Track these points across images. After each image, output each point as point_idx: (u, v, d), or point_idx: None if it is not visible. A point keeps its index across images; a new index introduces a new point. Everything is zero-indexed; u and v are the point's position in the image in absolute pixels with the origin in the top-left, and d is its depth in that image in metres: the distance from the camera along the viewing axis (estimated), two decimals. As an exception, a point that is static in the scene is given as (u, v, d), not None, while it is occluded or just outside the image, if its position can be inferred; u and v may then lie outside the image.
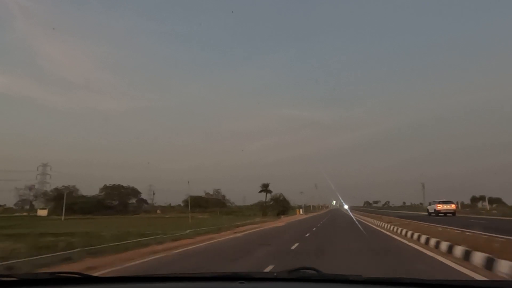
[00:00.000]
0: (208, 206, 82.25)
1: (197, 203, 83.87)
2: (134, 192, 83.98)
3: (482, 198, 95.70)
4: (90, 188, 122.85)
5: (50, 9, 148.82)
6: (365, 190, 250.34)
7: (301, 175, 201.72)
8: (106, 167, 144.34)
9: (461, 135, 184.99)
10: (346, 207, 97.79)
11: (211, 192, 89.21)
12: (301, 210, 76.22)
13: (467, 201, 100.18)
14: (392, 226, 19.76)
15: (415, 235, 13.42)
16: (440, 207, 39.27)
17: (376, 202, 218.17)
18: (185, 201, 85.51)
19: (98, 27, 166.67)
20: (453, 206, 40.02)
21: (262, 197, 74.93)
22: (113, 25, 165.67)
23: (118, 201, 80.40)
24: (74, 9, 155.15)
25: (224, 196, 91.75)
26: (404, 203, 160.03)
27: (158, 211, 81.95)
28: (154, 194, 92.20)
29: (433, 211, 40.38)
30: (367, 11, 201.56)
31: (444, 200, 40.71)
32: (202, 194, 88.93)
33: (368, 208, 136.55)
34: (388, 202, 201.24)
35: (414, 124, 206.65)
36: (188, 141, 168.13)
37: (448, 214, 37.60)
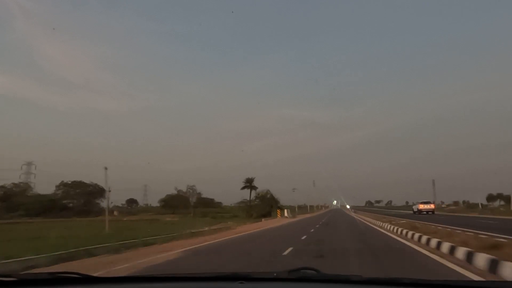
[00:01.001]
0: (188, 206, 72.44)
1: (174, 203, 74.15)
2: (100, 190, 70.87)
3: (499, 196, 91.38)
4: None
5: (50, 9, 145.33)
6: (367, 189, 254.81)
7: (301, 175, 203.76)
8: (103, 167, 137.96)
9: (463, 135, 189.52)
10: (348, 206, 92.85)
11: (184, 189, 75.36)
12: (285, 211, 54.12)
13: (481, 200, 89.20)
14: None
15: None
16: (421, 206, 47.36)
17: (378, 201, 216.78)
18: (161, 201, 77.58)
19: (98, 28, 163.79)
20: (432, 206, 47.93)
21: (247, 194, 63.70)
22: (113, 25, 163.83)
23: (83, 200, 69.67)
24: (74, 9, 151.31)
25: (200, 193, 77.13)
26: (407, 202, 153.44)
27: (115, 213, 72.96)
28: (110, 191, 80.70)
29: (416, 210, 48.33)
30: (367, 11, 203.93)
31: (425, 201, 49.42)
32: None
33: (370, 208, 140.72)
34: (391, 201, 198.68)
35: (416, 124, 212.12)
36: (188, 141, 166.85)
37: (429, 212, 45.29)
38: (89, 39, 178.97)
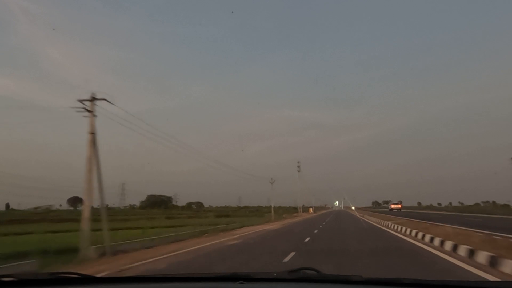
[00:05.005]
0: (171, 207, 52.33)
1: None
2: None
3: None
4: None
5: (51, 11, 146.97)
6: (374, 190, 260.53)
7: (302, 176, 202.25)
8: (105, 169, 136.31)
9: (466, 135, 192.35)
10: (353, 207, 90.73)
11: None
12: None
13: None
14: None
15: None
16: (393, 206, 69.45)
17: (386, 202, 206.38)
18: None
19: (99, 29, 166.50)
20: (399, 206, 68.29)
21: None
22: (114, 26, 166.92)
23: None
24: (75, 11, 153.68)
25: None
26: (419, 203, 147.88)
27: None
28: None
29: (390, 209, 69.16)
30: (367, 12, 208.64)
31: (394, 202, 73.12)
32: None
33: (377, 208, 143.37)
34: (400, 202, 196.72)
35: (418, 124, 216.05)
36: (188, 142, 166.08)
37: (398, 210, 62.80)
38: (90, 40, 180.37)
